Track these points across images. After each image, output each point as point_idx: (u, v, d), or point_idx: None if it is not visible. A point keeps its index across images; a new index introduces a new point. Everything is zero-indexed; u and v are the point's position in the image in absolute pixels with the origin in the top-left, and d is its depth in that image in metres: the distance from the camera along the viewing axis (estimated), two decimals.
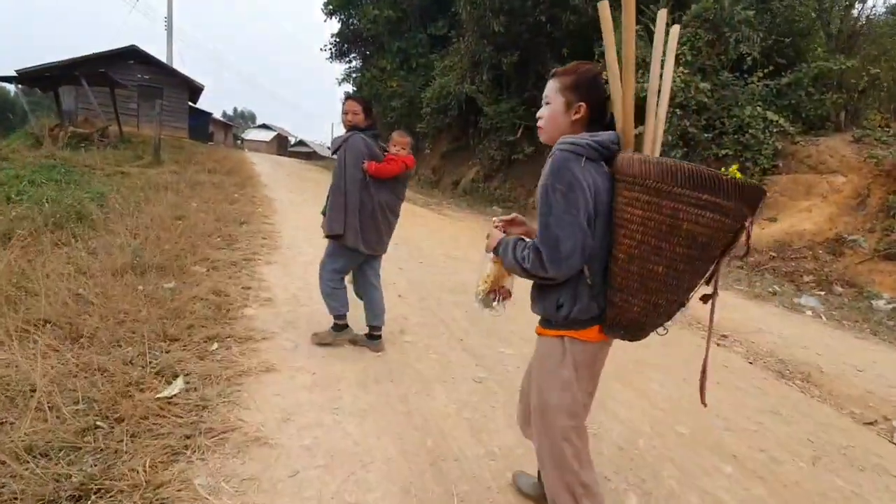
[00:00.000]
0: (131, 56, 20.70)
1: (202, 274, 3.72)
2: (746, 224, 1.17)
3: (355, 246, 2.81)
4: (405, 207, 3.16)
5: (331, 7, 20.87)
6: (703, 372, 1.36)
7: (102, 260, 3.56)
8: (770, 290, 5.52)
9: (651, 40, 2.30)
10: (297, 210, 7.72)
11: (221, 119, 42.68)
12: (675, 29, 1.45)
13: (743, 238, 1.21)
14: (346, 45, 21.72)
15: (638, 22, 10.30)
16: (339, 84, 23.66)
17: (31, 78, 15.74)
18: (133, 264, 3.50)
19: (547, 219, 1.27)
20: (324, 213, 2.93)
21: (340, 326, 2.99)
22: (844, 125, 8.33)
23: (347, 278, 3.01)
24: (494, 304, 1.62)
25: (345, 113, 2.88)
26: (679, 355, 3.34)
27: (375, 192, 2.82)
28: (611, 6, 1.39)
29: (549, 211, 1.27)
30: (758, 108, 8.20)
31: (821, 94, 8.14)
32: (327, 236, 2.86)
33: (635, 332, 1.32)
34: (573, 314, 1.34)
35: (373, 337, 3.01)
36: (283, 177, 13.85)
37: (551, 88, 1.42)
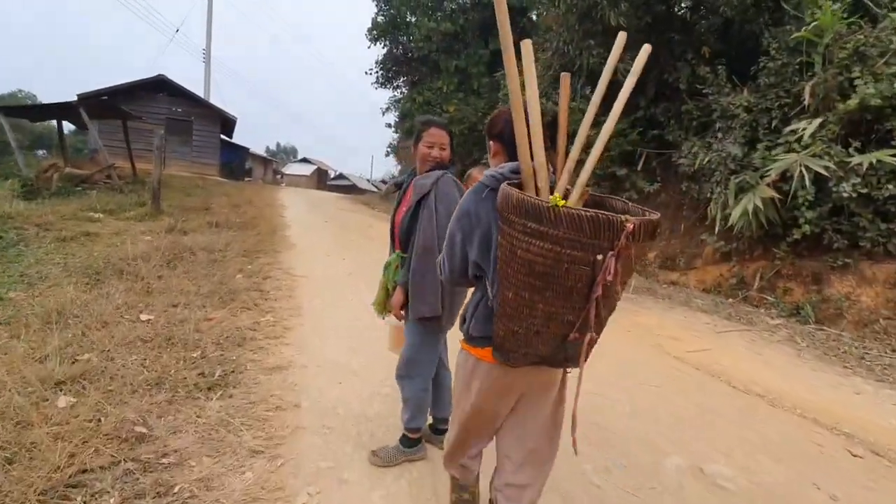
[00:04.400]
0: (160, 87, 18.92)
1: None
2: (598, 258, 1.11)
3: (447, 326, 2.16)
4: None
5: (375, 32, 18.58)
6: (573, 418, 1.32)
7: None
8: None
9: None
10: (341, 306, 4.55)
11: (261, 154, 41.51)
12: (621, 37, 1.41)
13: (600, 275, 1.13)
14: (393, 69, 19.29)
15: None
16: (384, 113, 21.42)
17: (26, 110, 13.74)
18: None
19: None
20: (389, 294, 2.19)
21: (416, 441, 2.26)
22: None
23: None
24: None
25: (429, 146, 2.10)
26: None
27: None
28: None
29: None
30: None
31: None
32: (418, 319, 2.10)
33: (503, 354, 1.33)
34: (470, 330, 1.45)
35: (439, 431, 2.36)
36: (321, 225, 10.94)
37: None
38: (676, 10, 7.98)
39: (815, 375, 4.00)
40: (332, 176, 52.66)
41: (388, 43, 18.75)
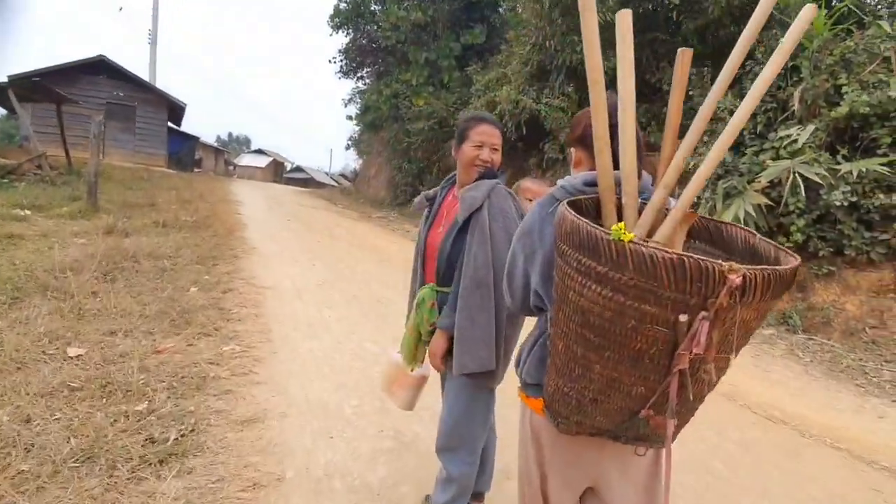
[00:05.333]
0: (100, 69, 17.21)
1: None
2: (682, 318, 0.75)
3: (501, 377, 1.63)
4: None
5: (338, 20, 17.64)
6: None
7: None
8: None
9: None
10: (318, 326, 3.83)
11: (212, 144, 39.25)
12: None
13: (685, 342, 0.76)
14: (357, 59, 18.43)
15: None
16: (346, 105, 20.58)
17: None
18: None
19: None
20: (420, 339, 1.67)
21: None
22: None
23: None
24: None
25: (477, 146, 1.58)
26: None
27: None
28: None
29: None
30: None
31: None
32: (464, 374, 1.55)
33: (554, 416, 1.05)
34: (524, 374, 1.19)
35: None
36: (282, 225, 10.11)
37: None
38: (661, 8, 7.76)
39: (831, 396, 3.81)
40: (288, 168, 50.66)
41: (351, 31, 17.87)
